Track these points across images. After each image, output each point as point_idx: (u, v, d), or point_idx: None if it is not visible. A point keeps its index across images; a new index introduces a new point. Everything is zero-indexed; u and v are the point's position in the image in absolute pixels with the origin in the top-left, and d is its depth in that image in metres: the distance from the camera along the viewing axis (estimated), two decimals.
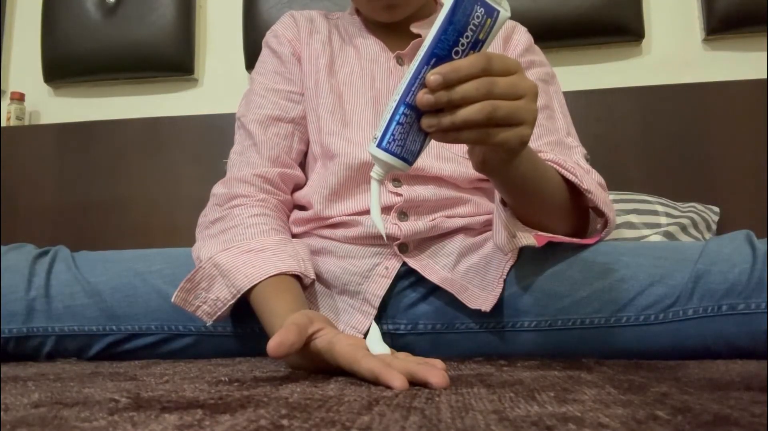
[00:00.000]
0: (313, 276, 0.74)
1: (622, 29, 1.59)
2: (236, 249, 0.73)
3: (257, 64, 0.92)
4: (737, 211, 1.38)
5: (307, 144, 0.88)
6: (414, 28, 0.87)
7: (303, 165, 0.89)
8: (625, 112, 1.50)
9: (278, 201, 0.82)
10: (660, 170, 1.46)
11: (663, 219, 1.27)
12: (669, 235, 1.23)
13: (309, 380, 0.51)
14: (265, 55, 0.91)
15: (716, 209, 1.36)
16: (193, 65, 1.80)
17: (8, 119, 1.82)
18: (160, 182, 1.68)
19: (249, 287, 0.69)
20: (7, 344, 0.77)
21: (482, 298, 0.72)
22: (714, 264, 0.67)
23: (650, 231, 1.24)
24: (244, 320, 0.77)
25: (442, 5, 0.93)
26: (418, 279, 0.77)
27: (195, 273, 0.73)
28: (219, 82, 1.82)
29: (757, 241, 0.68)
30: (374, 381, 0.48)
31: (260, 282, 0.69)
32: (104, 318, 0.77)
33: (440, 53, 0.50)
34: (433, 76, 0.49)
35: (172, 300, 0.72)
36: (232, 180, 0.81)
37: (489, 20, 0.50)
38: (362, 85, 0.85)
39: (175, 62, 1.78)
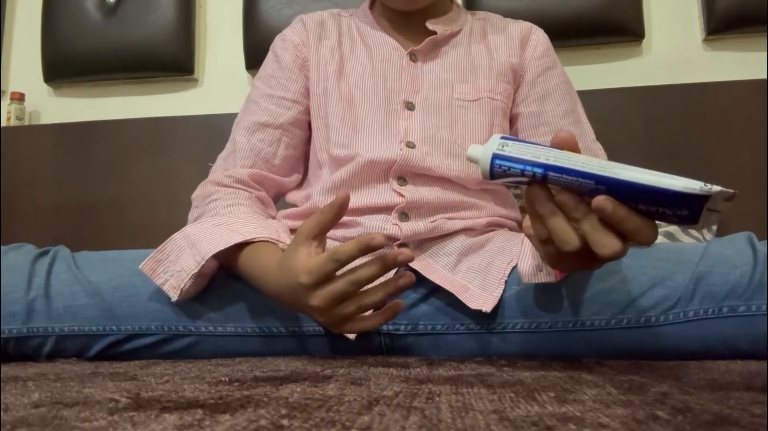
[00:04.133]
0: (287, 242, 0.75)
1: (622, 29, 1.59)
2: (207, 222, 0.76)
3: (260, 67, 0.93)
4: (737, 211, 1.38)
5: (296, 149, 0.90)
6: (430, 25, 0.87)
7: (297, 169, 0.90)
8: (625, 112, 1.50)
9: (250, 194, 0.85)
10: (660, 170, 1.46)
11: None
12: (669, 236, 1.23)
13: (309, 380, 0.51)
14: (268, 58, 0.93)
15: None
16: (193, 65, 1.80)
17: (8, 119, 1.82)
18: (160, 182, 1.68)
19: (213, 252, 0.70)
20: (7, 344, 0.77)
21: (483, 299, 0.72)
22: (715, 266, 0.67)
23: None
24: (245, 320, 0.77)
25: (458, 5, 0.94)
26: (419, 280, 0.77)
27: (166, 244, 0.74)
28: (219, 82, 1.82)
29: (758, 243, 0.68)
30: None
31: (239, 252, 0.71)
32: (104, 318, 0.77)
33: (625, 193, 0.45)
34: (606, 203, 0.45)
35: (140, 267, 0.74)
36: (207, 183, 0.87)
37: (677, 221, 0.46)
38: (374, 86, 0.85)
39: (175, 62, 1.78)
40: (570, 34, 1.59)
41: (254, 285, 0.71)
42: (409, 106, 0.84)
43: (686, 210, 0.45)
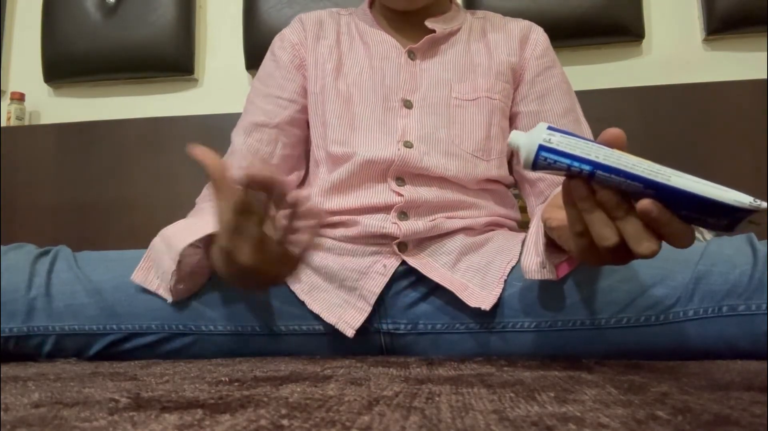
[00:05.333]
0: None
1: (622, 29, 1.60)
2: (182, 222, 0.76)
3: (260, 67, 0.93)
4: None
5: (294, 148, 0.89)
6: (429, 23, 0.87)
7: (297, 168, 0.90)
8: (625, 112, 1.50)
9: None
10: None
11: None
12: None
13: (309, 380, 0.51)
14: (266, 58, 0.93)
15: None
16: (193, 65, 1.80)
17: (8, 119, 1.82)
18: (160, 182, 1.68)
19: (182, 247, 0.68)
20: (7, 343, 0.77)
21: (482, 297, 0.72)
22: (715, 266, 0.67)
23: None
24: (244, 319, 0.77)
25: (457, 5, 0.94)
26: (418, 279, 0.77)
27: (149, 251, 0.76)
28: (219, 82, 1.83)
29: (757, 243, 0.68)
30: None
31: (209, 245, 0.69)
32: (104, 317, 0.77)
33: (673, 199, 0.44)
34: (652, 206, 0.44)
35: (131, 278, 0.75)
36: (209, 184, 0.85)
37: (715, 227, 0.46)
38: (372, 84, 0.85)
39: (175, 62, 1.78)
40: (570, 34, 1.59)
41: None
42: (407, 104, 0.84)
43: (729, 220, 0.45)
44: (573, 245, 0.52)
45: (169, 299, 0.74)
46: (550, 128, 0.48)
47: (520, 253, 0.72)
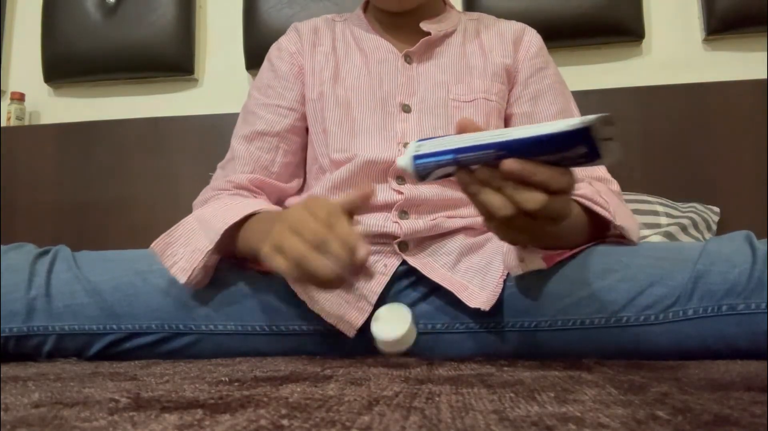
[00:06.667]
0: None
1: (622, 29, 1.60)
2: (215, 205, 0.79)
3: (256, 77, 0.94)
4: (737, 211, 1.38)
5: (294, 155, 0.90)
6: (424, 26, 0.87)
7: (297, 175, 0.91)
8: (625, 112, 1.50)
9: (252, 194, 0.86)
10: (660, 170, 1.46)
11: (663, 220, 1.27)
12: (669, 236, 1.23)
13: (309, 380, 0.51)
14: (264, 68, 0.93)
15: (716, 209, 1.36)
16: (193, 65, 1.80)
17: (8, 119, 1.82)
18: (160, 182, 1.68)
19: (227, 226, 0.72)
20: (7, 343, 0.77)
21: (482, 297, 0.72)
22: (714, 265, 0.67)
23: (650, 232, 1.24)
24: (245, 318, 0.77)
25: (451, 6, 0.94)
26: (419, 279, 0.77)
27: (177, 227, 0.76)
28: (219, 82, 1.83)
29: (756, 242, 0.68)
30: None
31: (241, 226, 0.73)
32: (104, 317, 0.77)
33: (524, 151, 0.49)
34: (512, 163, 0.49)
35: (151, 245, 0.75)
36: (208, 189, 0.88)
37: (584, 161, 0.50)
38: (370, 89, 0.86)
39: (175, 62, 1.78)
40: (570, 34, 1.59)
41: (253, 244, 0.70)
42: (406, 109, 0.84)
43: (582, 147, 0.48)
44: (493, 231, 0.57)
45: (183, 280, 0.73)
46: (419, 140, 0.55)
47: None
